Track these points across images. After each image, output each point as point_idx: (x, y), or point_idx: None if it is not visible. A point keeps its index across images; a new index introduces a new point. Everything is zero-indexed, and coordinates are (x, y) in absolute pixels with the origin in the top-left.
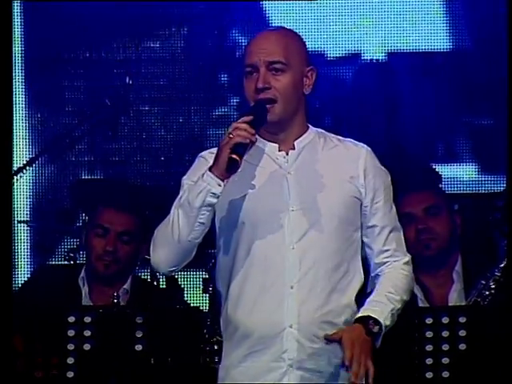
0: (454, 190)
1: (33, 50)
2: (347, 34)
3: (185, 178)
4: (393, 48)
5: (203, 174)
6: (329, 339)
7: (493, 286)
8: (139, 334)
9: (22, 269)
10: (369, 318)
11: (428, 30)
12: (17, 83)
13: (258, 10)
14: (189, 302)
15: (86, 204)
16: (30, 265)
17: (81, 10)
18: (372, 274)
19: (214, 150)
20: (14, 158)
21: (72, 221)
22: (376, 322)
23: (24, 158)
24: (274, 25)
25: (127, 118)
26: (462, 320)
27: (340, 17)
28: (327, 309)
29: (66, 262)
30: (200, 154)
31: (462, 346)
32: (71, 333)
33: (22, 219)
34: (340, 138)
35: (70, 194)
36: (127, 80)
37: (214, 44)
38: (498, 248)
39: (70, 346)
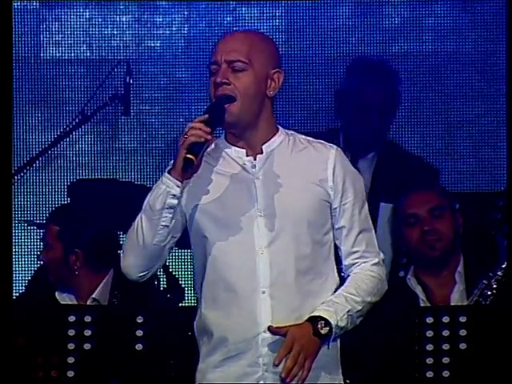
0: (454, 188)
1: (33, 50)
2: (347, 36)
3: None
4: (391, 48)
5: (162, 177)
6: (273, 331)
7: (495, 286)
8: (140, 334)
9: (22, 269)
10: (319, 318)
11: (429, 31)
12: (17, 83)
13: (259, 9)
14: (189, 301)
15: (85, 203)
16: (30, 265)
17: (81, 10)
18: (343, 275)
19: None
20: (14, 158)
21: None
22: (326, 322)
23: (24, 158)
24: (277, 24)
25: (128, 117)
26: (463, 319)
27: (339, 19)
28: (300, 312)
29: None
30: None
31: (463, 346)
32: (71, 332)
33: (22, 219)
34: (310, 139)
35: (70, 194)
36: (128, 79)
37: (215, 43)
38: (500, 248)
39: (71, 346)
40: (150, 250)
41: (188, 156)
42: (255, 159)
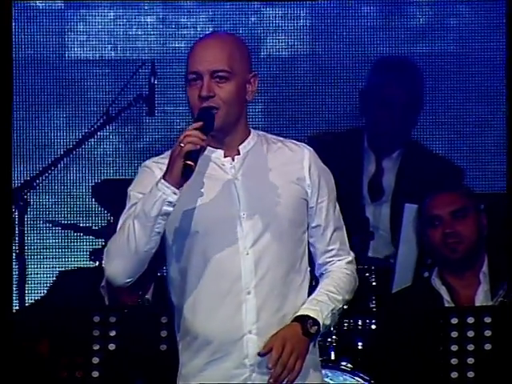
0: (479, 189)
1: (58, 50)
2: (371, 35)
3: (130, 188)
4: (416, 48)
5: (157, 183)
6: (264, 353)
7: None
8: (164, 334)
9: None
10: (307, 317)
11: (453, 31)
12: (42, 83)
13: (283, 9)
14: None
15: (110, 204)
16: (55, 266)
17: (106, 11)
18: (316, 273)
19: (157, 158)
20: (39, 158)
21: (96, 221)
22: (315, 322)
23: (49, 158)
24: (301, 24)
25: (152, 118)
26: (488, 320)
27: (364, 18)
28: (284, 312)
29: (90, 263)
30: (143, 164)
31: (488, 346)
32: (96, 333)
33: (47, 219)
34: (280, 138)
35: (95, 194)
36: (152, 80)
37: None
38: None
39: (95, 346)
40: (141, 257)
41: (188, 163)
42: (233, 160)
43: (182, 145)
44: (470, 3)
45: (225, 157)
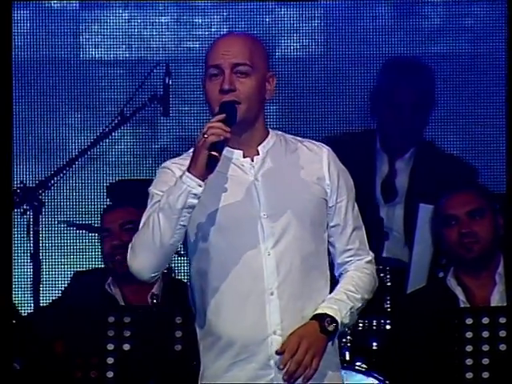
0: (493, 188)
1: (73, 51)
2: (386, 36)
3: (151, 188)
4: (430, 49)
5: (182, 176)
6: (282, 351)
7: None
8: (178, 334)
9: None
10: (325, 315)
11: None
12: (57, 84)
13: (298, 10)
14: None
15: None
16: (70, 266)
17: (121, 11)
18: (336, 273)
19: (176, 159)
20: (54, 159)
21: None
22: (333, 320)
23: (64, 159)
24: (316, 25)
25: (167, 118)
26: (502, 320)
27: (378, 19)
28: (307, 311)
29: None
30: (163, 165)
31: (503, 347)
32: (111, 333)
33: (62, 219)
34: (299, 138)
35: (110, 195)
36: (167, 80)
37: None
38: None
39: (110, 346)
40: (166, 250)
41: (213, 153)
42: (252, 160)
43: (206, 136)
44: (484, 3)
45: (244, 157)
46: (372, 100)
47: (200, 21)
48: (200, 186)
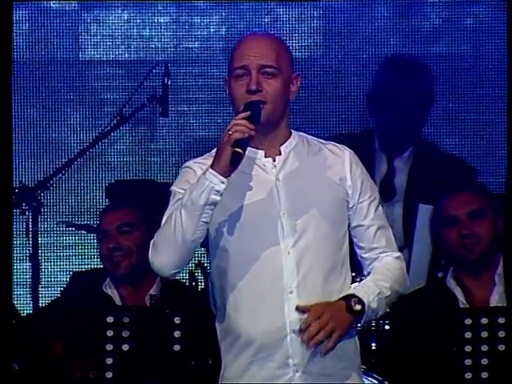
0: (492, 189)
1: (72, 51)
2: (385, 36)
3: (174, 186)
4: (430, 49)
5: (205, 172)
6: (302, 309)
7: None
8: (177, 335)
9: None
10: (353, 295)
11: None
12: (56, 84)
13: (297, 10)
14: None
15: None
16: (69, 267)
17: (120, 11)
18: (365, 272)
19: (198, 159)
20: (53, 159)
21: None
22: (360, 300)
23: (63, 159)
24: (315, 25)
25: (166, 118)
26: (501, 321)
27: (378, 19)
28: None
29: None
30: (185, 165)
31: (501, 347)
32: (110, 333)
33: (61, 220)
34: (321, 140)
35: (109, 195)
36: (166, 81)
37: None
38: None
39: (109, 347)
40: (188, 247)
41: (237, 150)
42: (274, 160)
43: (230, 133)
44: (485, 3)
45: (266, 157)
46: (370, 99)
47: (199, 21)
48: (223, 182)
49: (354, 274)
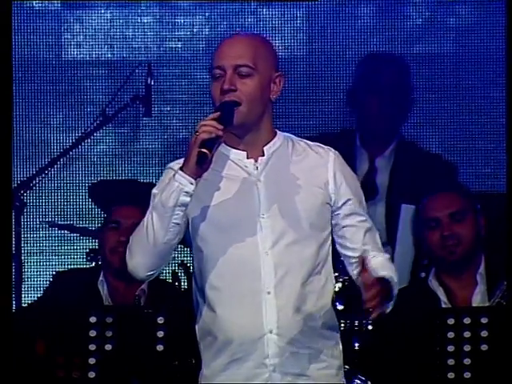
0: (473, 188)
1: (54, 51)
2: (368, 36)
3: (155, 189)
4: (412, 49)
5: (174, 174)
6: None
7: None
8: (160, 334)
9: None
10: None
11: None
12: (38, 84)
13: (280, 10)
14: None
15: (106, 204)
16: (51, 266)
17: (103, 11)
18: (354, 273)
19: (181, 160)
20: (35, 159)
21: (93, 221)
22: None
23: (45, 159)
24: (298, 25)
25: (149, 118)
26: (484, 321)
27: (360, 19)
28: (305, 312)
29: (87, 263)
30: (167, 166)
31: (484, 347)
32: (93, 333)
33: (44, 220)
34: (307, 142)
35: (92, 195)
36: (149, 81)
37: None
38: None
39: (92, 347)
40: (160, 249)
41: (202, 150)
42: (256, 161)
43: (197, 133)
44: (468, 3)
45: (248, 158)
46: (350, 95)
47: (182, 21)
48: (191, 183)
49: (337, 274)
